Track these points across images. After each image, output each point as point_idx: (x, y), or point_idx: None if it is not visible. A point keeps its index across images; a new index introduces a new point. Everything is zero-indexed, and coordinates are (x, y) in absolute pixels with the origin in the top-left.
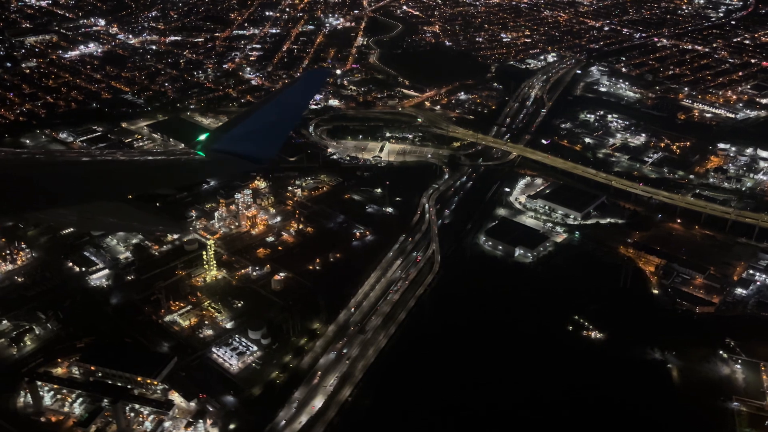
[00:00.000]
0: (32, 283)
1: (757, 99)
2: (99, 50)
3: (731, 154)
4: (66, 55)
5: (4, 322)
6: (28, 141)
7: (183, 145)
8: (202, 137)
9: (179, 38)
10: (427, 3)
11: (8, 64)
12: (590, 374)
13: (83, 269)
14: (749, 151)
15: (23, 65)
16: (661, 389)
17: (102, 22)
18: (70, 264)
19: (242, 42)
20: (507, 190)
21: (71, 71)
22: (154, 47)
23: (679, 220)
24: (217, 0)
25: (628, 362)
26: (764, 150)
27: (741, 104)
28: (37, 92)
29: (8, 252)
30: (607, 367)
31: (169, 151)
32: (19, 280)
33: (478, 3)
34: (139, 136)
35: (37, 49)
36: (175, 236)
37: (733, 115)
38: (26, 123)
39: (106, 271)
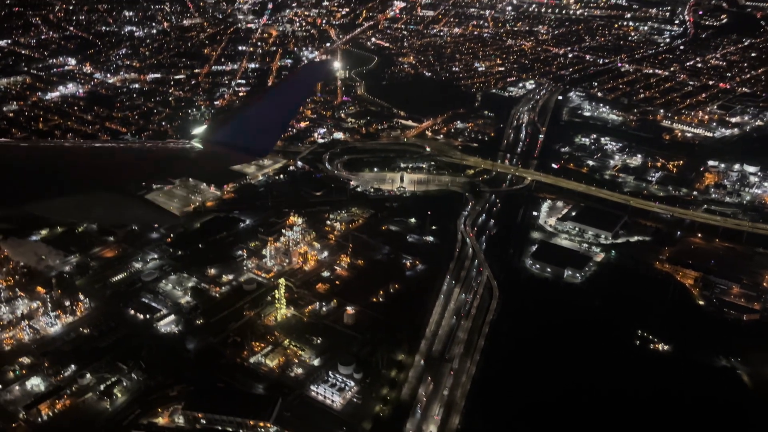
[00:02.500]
0: (100, 334)
1: (727, 118)
2: (80, 91)
3: (721, 171)
4: (47, 97)
5: (88, 376)
6: None
7: (204, 184)
8: (200, 130)
9: (159, 76)
10: (395, 35)
11: None
12: (672, 382)
13: (147, 316)
14: (737, 167)
15: (4, 109)
16: (738, 393)
17: (73, 61)
18: (132, 312)
19: (225, 78)
20: (535, 213)
21: (59, 113)
22: (136, 85)
23: (699, 235)
24: (185, 37)
25: (701, 370)
26: (750, 165)
27: (714, 123)
28: (30, 137)
29: (68, 303)
30: (684, 376)
31: (167, 142)
32: (85, 331)
33: (443, 33)
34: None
35: (12, 92)
36: (231, 277)
37: (711, 134)
38: None
39: (173, 316)
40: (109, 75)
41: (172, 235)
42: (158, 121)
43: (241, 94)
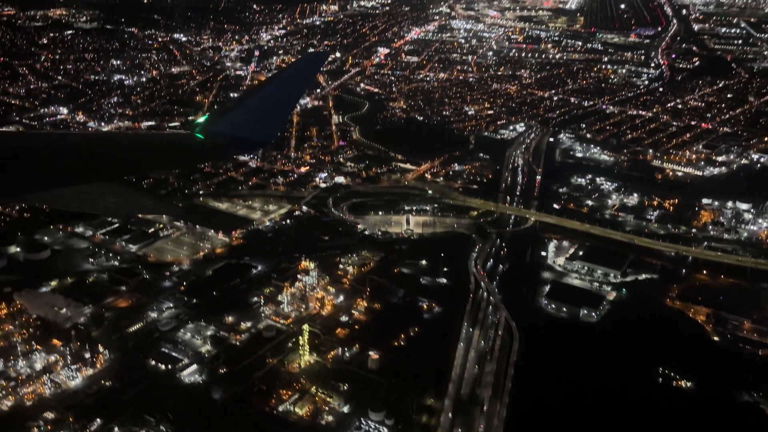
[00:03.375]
0: (123, 386)
1: (713, 157)
2: None
3: (716, 209)
4: None
5: (116, 429)
6: (46, 238)
7: (211, 231)
8: (201, 120)
9: (153, 123)
10: (383, 80)
11: None
12: (698, 419)
13: (169, 366)
14: (729, 204)
15: None
16: (765, 428)
17: (64, 110)
18: (153, 362)
19: None
20: (543, 254)
21: None
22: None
23: (704, 271)
24: (175, 84)
25: (726, 406)
26: (742, 203)
27: (702, 162)
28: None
29: (87, 355)
30: (710, 412)
31: (167, 133)
32: (107, 384)
33: (429, 78)
34: (161, 226)
35: None
36: (249, 324)
37: (700, 173)
38: (32, 219)
39: (195, 366)
40: (103, 123)
41: (185, 283)
42: None
43: None
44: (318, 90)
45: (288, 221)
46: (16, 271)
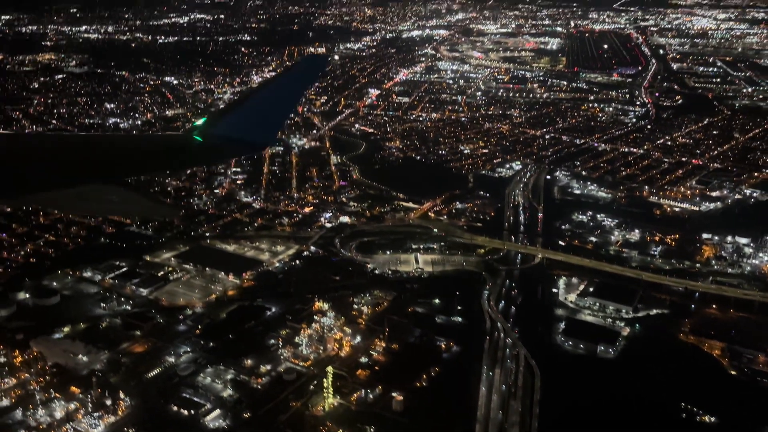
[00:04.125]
0: None
1: (707, 192)
2: None
3: (716, 243)
4: None
5: None
6: (55, 283)
7: (221, 273)
8: (199, 122)
9: None
10: (376, 121)
11: None
12: None
13: (192, 412)
14: (729, 238)
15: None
16: None
17: None
18: (176, 408)
19: (221, 167)
20: (555, 290)
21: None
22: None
23: (714, 306)
24: (171, 127)
25: None
26: (740, 237)
27: (697, 198)
28: (33, 231)
29: (108, 402)
30: None
31: (166, 135)
32: (130, 431)
33: (422, 118)
34: (171, 269)
35: None
36: (269, 367)
37: (696, 208)
38: (38, 264)
39: (218, 411)
40: None
41: (200, 326)
42: None
43: (239, 181)
44: (314, 131)
45: (297, 262)
46: (27, 317)
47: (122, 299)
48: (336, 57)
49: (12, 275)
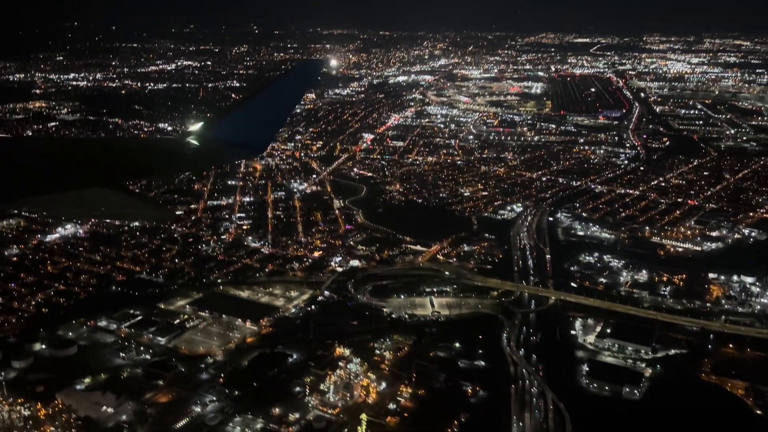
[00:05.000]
0: None
1: (707, 232)
2: (80, 231)
3: (723, 283)
4: (47, 239)
5: None
6: (70, 333)
7: (239, 320)
8: (197, 126)
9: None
10: (374, 165)
11: None
12: None
13: None
14: (735, 278)
15: (6, 253)
16: None
17: None
18: None
19: (224, 212)
20: (572, 332)
21: (66, 255)
22: (136, 223)
23: (731, 345)
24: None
25: None
26: (746, 276)
27: (698, 238)
28: (42, 280)
29: None
30: None
31: (164, 138)
32: None
33: (418, 162)
34: (186, 316)
35: (9, 235)
36: (297, 415)
37: (699, 248)
38: (51, 314)
39: None
40: None
41: (222, 374)
42: (170, 258)
43: (245, 227)
44: (314, 175)
45: (313, 307)
46: (45, 369)
47: (141, 348)
48: (333, 62)
49: (25, 326)
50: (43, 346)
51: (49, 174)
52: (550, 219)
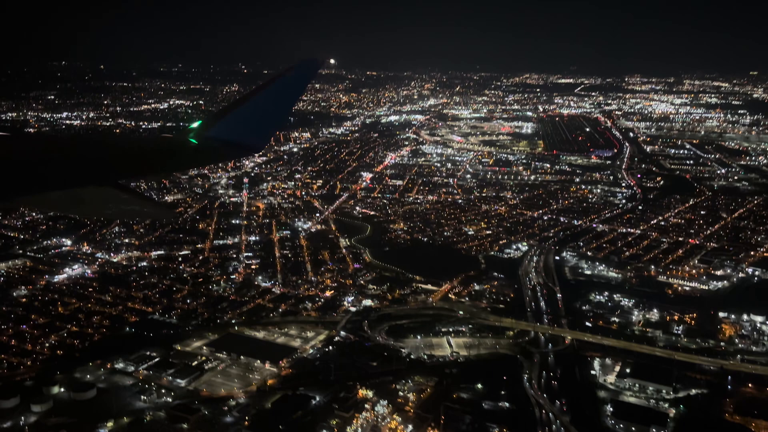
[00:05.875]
0: None
1: (711, 271)
2: (88, 271)
3: (734, 322)
4: (55, 280)
5: None
6: (88, 376)
7: (257, 361)
8: (195, 124)
9: (163, 252)
10: (375, 203)
11: None
12: None
13: None
14: (745, 317)
15: (14, 294)
16: None
17: (68, 242)
18: None
19: (231, 252)
20: (592, 372)
21: (75, 296)
22: (144, 263)
23: (750, 384)
24: (175, 213)
25: None
26: (755, 315)
27: (704, 277)
28: (54, 322)
29: None
30: None
31: (162, 137)
32: None
33: (419, 201)
34: (204, 358)
35: (16, 276)
36: None
37: (705, 287)
38: (66, 356)
39: None
40: (112, 254)
41: (247, 417)
42: (182, 298)
43: (253, 266)
44: (317, 214)
45: (330, 348)
46: (66, 413)
47: (162, 391)
48: (332, 61)
49: (41, 368)
50: (62, 390)
51: (48, 172)
52: (557, 258)
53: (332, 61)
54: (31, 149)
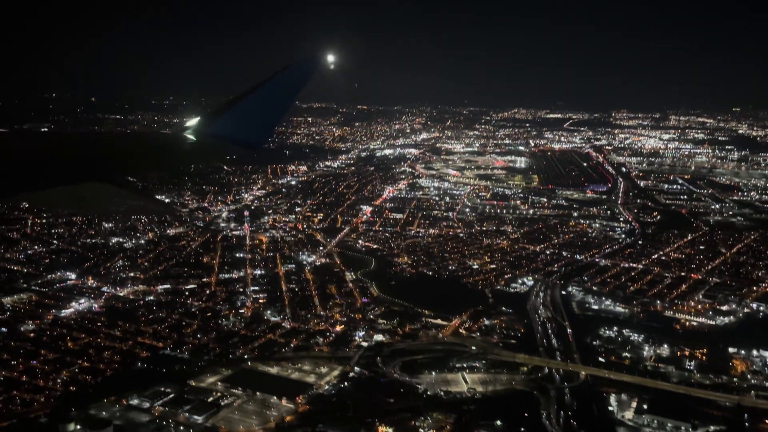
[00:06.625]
0: None
1: (717, 306)
2: (95, 306)
3: (745, 357)
4: (62, 314)
5: None
6: (104, 412)
7: (274, 397)
8: (193, 121)
9: (169, 286)
10: (377, 237)
11: (3, 329)
12: None
13: None
14: (755, 352)
15: (22, 329)
16: None
17: (72, 275)
18: None
19: (238, 286)
20: (610, 408)
21: (84, 331)
22: (151, 297)
23: (767, 421)
24: (176, 246)
25: None
26: (765, 351)
27: (710, 312)
28: (65, 357)
29: None
30: None
31: (160, 133)
32: None
33: (421, 234)
34: (219, 394)
35: (22, 310)
36: None
37: (713, 322)
38: (80, 393)
39: None
40: (118, 288)
41: None
42: (192, 333)
43: (261, 300)
44: (320, 247)
45: (346, 384)
46: None
47: (180, 428)
48: (330, 57)
49: (55, 405)
50: (78, 427)
51: (46, 169)
52: (563, 293)
53: (330, 57)
54: (30, 146)
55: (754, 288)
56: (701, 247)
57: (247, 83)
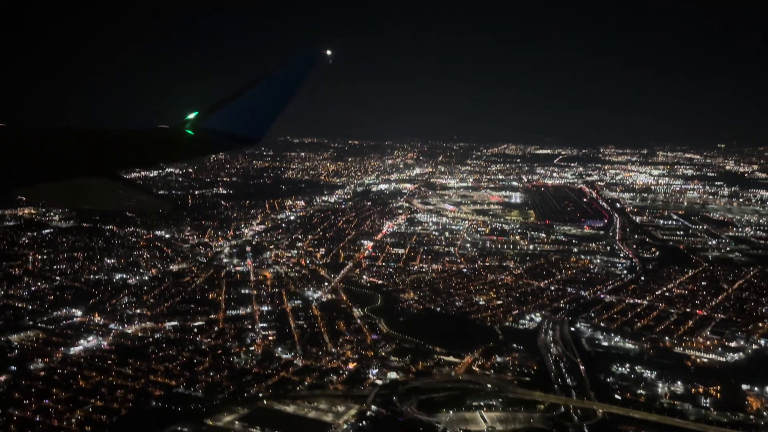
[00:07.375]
0: None
1: (726, 343)
2: (104, 343)
3: (758, 394)
4: (71, 352)
5: None
6: None
7: None
8: (191, 115)
9: (177, 323)
10: (381, 272)
11: (13, 368)
12: None
13: None
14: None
15: (31, 367)
16: None
17: (78, 312)
18: None
19: (246, 322)
20: None
21: (95, 369)
22: (159, 335)
23: None
24: (181, 282)
25: None
26: None
27: (720, 348)
28: (77, 396)
29: None
30: None
31: (157, 128)
32: None
33: (424, 270)
34: None
35: (30, 348)
36: None
37: (723, 359)
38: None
39: None
40: (125, 325)
41: None
42: (204, 371)
43: (270, 338)
44: (325, 283)
45: (364, 422)
46: None
47: None
48: (329, 52)
49: None
50: None
51: (43, 164)
52: (572, 329)
53: (329, 52)
54: (27, 140)
55: (760, 324)
56: (703, 283)
57: (247, 82)
